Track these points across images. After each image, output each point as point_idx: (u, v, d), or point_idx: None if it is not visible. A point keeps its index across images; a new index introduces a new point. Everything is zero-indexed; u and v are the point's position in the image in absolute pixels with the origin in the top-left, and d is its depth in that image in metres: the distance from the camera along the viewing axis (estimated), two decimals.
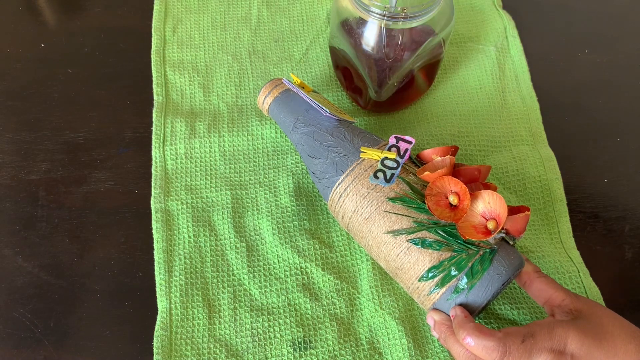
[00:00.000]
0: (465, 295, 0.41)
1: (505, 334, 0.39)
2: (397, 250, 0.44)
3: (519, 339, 0.38)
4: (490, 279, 0.41)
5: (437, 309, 0.43)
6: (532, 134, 0.59)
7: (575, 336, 0.38)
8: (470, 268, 0.41)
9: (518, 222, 0.42)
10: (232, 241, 0.51)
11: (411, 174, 0.46)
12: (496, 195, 0.42)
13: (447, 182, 0.43)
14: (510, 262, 0.42)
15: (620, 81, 0.63)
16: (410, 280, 0.44)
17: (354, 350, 0.47)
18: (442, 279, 0.42)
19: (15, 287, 0.50)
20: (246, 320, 0.48)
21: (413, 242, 0.43)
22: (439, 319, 0.43)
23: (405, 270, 0.44)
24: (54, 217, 0.53)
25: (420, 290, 0.43)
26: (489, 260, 0.41)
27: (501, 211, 0.41)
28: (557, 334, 0.39)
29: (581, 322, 0.40)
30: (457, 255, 0.42)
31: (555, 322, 0.40)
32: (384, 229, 0.44)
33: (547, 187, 0.55)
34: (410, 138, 0.47)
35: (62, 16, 0.66)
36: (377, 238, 0.45)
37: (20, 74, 0.61)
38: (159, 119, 0.58)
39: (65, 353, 0.47)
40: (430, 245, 0.42)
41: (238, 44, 0.64)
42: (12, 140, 0.57)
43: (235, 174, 0.55)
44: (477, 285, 0.41)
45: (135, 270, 0.50)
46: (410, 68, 0.53)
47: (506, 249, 0.43)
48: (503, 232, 0.43)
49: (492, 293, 0.41)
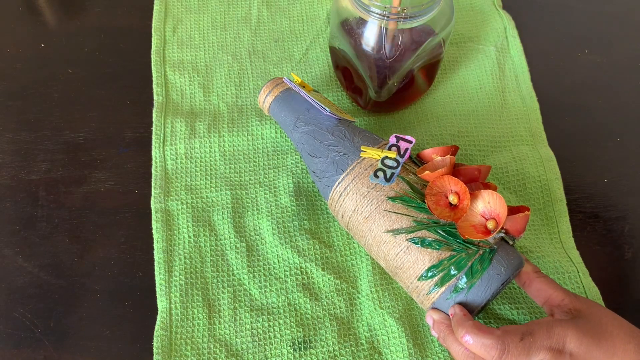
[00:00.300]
0: (465, 295, 0.41)
1: (504, 332, 0.39)
2: (396, 250, 0.44)
3: (517, 337, 0.38)
4: (490, 278, 0.41)
5: (437, 308, 0.43)
6: (532, 134, 0.59)
7: (574, 335, 0.38)
8: (469, 267, 0.41)
9: (518, 222, 0.42)
10: (232, 241, 0.51)
11: (411, 174, 0.46)
12: (496, 195, 0.42)
13: (447, 182, 0.43)
14: (509, 262, 0.42)
15: (620, 81, 0.63)
16: (409, 280, 0.44)
17: (353, 350, 0.47)
18: (441, 278, 0.42)
19: (15, 287, 0.50)
20: (246, 320, 0.48)
21: (413, 241, 0.43)
22: (438, 318, 0.43)
23: (404, 269, 0.44)
24: (54, 217, 0.53)
25: (420, 290, 0.43)
26: (488, 259, 0.41)
27: (501, 211, 0.41)
28: (555, 333, 0.39)
29: (580, 321, 0.40)
30: (457, 254, 0.42)
31: (554, 321, 0.40)
32: (383, 228, 0.44)
33: (547, 187, 0.55)
34: (410, 137, 0.47)
35: (62, 16, 0.66)
36: (376, 237, 0.45)
37: (20, 74, 0.61)
38: (159, 119, 0.58)
39: (65, 353, 0.47)
40: (430, 245, 0.42)
41: (238, 44, 0.64)
42: (12, 140, 0.57)
43: (235, 174, 0.55)
44: (476, 285, 0.41)
45: (135, 270, 0.51)
46: (410, 68, 0.53)
47: (506, 249, 0.43)
48: (503, 232, 0.43)
49: (492, 292, 0.41)
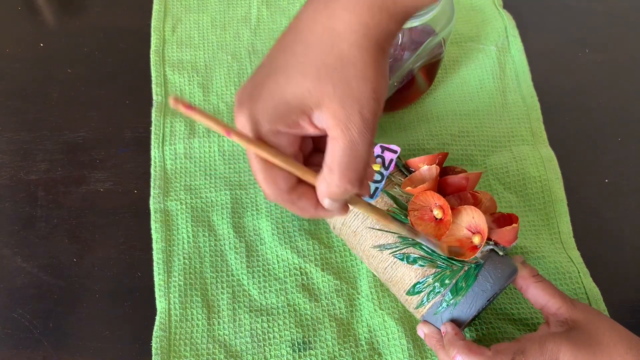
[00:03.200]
0: (451, 311, 0.41)
1: (495, 352, 0.38)
2: (384, 264, 0.44)
3: (508, 357, 0.38)
4: (475, 295, 0.41)
5: (427, 321, 0.43)
6: (533, 133, 0.59)
7: (568, 350, 0.38)
8: (454, 285, 0.41)
9: (506, 235, 0.42)
10: (231, 241, 0.51)
11: (397, 186, 0.45)
12: (477, 211, 0.41)
13: (431, 196, 0.42)
14: (496, 277, 0.41)
15: (620, 81, 0.63)
16: (399, 292, 0.44)
17: (353, 350, 0.47)
18: (427, 294, 0.42)
19: (15, 287, 0.49)
20: (245, 320, 0.48)
21: (398, 257, 0.43)
22: (428, 332, 0.43)
23: (394, 283, 0.44)
24: (53, 217, 0.53)
25: (410, 302, 0.44)
26: (473, 276, 0.41)
27: (483, 227, 0.41)
28: (548, 349, 0.38)
29: (575, 333, 0.39)
30: (442, 271, 0.41)
31: (547, 336, 0.39)
32: (370, 243, 0.44)
33: (548, 187, 0.55)
34: (395, 147, 0.46)
35: (61, 16, 0.66)
36: (366, 251, 0.45)
37: (19, 74, 0.61)
38: (158, 118, 0.58)
39: (64, 353, 0.47)
40: (415, 261, 0.42)
41: (238, 43, 0.64)
42: (11, 140, 0.57)
43: (235, 174, 0.55)
44: (461, 302, 0.41)
45: (134, 271, 0.50)
46: (410, 68, 0.53)
47: (494, 262, 0.42)
48: (491, 244, 0.42)
49: (477, 309, 0.41)
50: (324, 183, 0.32)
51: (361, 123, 0.30)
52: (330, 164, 0.31)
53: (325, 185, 0.32)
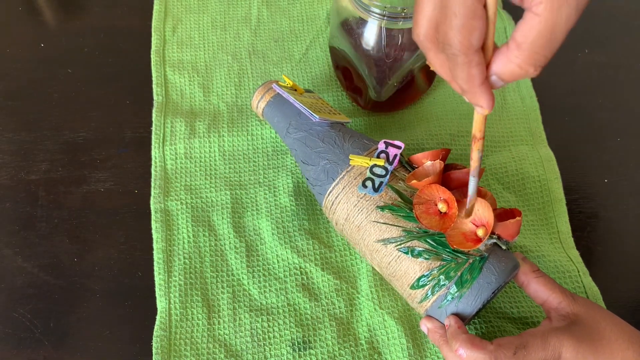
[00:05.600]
0: (456, 305, 0.41)
1: (497, 345, 0.38)
2: (388, 259, 0.44)
3: (510, 351, 0.38)
4: (480, 288, 0.41)
5: (430, 316, 0.43)
6: (532, 133, 0.59)
7: (570, 345, 0.38)
8: (459, 277, 0.41)
9: (510, 228, 0.42)
10: (231, 241, 0.51)
11: (401, 181, 0.45)
12: (483, 202, 0.41)
13: (436, 190, 0.43)
14: (500, 270, 0.41)
15: (620, 81, 0.63)
16: (402, 287, 0.44)
17: (353, 350, 0.47)
18: (432, 287, 0.42)
19: (15, 287, 0.50)
20: (245, 320, 0.48)
21: (402, 250, 0.43)
22: (431, 326, 0.43)
23: (397, 277, 0.44)
24: (53, 217, 0.53)
25: (413, 297, 0.43)
26: (478, 268, 0.41)
27: (489, 218, 0.41)
28: (550, 344, 0.38)
29: (576, 327, 0.39)
30: (447, 264, 0.42)
31: (550, 331, 0.39)
32: (374, 238, 0.44)
33: (547, 187, 0.55)
34: (399, 143, 0.46)
35: (62, 16, 0.66)
36: (369, 246, 0.45)
37: (19, 74, 0.61)
38: (158, 118, 0.58)
39: (65, 353, 0.47)
40: (420, 255, 0.42)
41: (238, 44, 0.64)
42: (11, 140, 0.57)
43: (235, 174, 0.55)
44: (466, 295, 0.41)
45: (134, 270, 0.50)
46: (410, 68, 0.53)
47: (498, 256, 0.42)
48: (495, 238, 0.42)
49: (482, 302, 0.41)
50: (504, 58, 0.29)
51: (575, 5, 0.27)
52: (521, 41, 0.28)
53: (505, 62, 0.29)
